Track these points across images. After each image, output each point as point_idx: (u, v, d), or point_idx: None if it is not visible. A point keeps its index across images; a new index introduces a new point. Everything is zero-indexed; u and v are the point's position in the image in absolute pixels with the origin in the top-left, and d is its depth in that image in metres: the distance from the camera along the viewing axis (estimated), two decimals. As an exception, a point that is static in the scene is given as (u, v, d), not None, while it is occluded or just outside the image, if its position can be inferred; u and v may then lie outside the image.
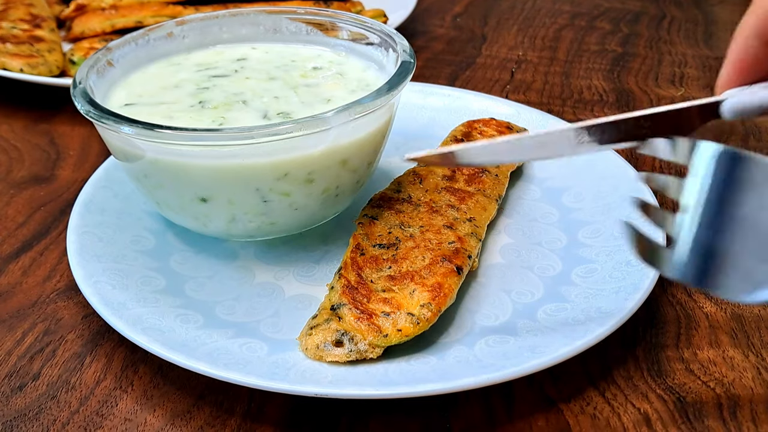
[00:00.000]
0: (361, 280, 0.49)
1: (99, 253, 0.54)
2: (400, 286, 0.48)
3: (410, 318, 0.46)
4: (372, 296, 0.48)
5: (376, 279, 0.49)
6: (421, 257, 0.50)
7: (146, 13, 0.94)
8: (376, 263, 0.50)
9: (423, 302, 0.47)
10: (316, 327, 0.46)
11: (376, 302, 0.47)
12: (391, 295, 0.48)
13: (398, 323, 0.46)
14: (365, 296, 0.48)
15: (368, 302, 0.47)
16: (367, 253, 0.51)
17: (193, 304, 0.51)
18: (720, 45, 1.05)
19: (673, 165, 0.32)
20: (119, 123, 0.49)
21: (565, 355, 0.44)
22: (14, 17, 0.93)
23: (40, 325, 0.52)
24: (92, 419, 0.45)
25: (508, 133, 0.67)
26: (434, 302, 0.47)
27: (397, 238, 0.52)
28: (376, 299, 0.47)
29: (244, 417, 0.45)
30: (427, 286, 0.48)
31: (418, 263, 0.50)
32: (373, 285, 0.49)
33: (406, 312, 0.46)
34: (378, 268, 0.50)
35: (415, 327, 0.45)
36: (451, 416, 0.45)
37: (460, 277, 0.50)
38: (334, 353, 0.45)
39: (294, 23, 0.66)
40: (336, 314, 0.47)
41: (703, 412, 0.45)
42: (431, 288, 0.47)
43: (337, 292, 0.48)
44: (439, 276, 0.48)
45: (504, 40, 1.07)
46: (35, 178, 0.71)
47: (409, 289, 0.48)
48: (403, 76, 0.54)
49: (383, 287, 0.48)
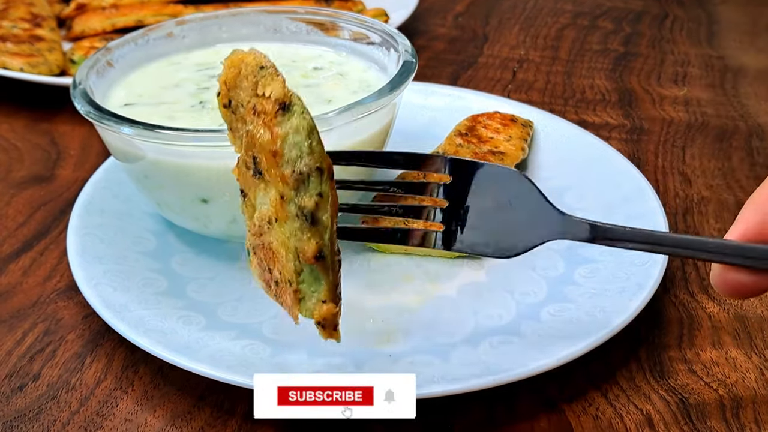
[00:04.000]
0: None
1: (100, 254, 0.54)
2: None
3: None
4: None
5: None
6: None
7: (147, 12, 0.94)
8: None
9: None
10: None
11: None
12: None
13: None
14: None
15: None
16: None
17: (195, 306, 0.51)
18: (723, 44, 1.05)
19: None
20: (119, 124, 0.49)
21: (570, 356, 0.44)
22: (14, 16, 0.93)
23: (40, 325, 0.52)
24: (92, 420, 0.45)
25: (512, 126, 0.67)
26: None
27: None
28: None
29: (245, 418, 0.45)
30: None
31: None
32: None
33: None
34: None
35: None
36: (452, 416, 0.45)
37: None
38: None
39: (294, 23, 0.66)
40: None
41: (705, 413, 0.45)
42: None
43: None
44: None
45: (506, 39, 1.06)
46: (35, 178, 0.71)
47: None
48: (405, 76, 0.53)
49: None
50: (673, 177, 0.71)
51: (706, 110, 0.85)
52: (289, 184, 0.36)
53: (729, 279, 0.35)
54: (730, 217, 0.64)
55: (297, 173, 0.36)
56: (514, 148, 0.64)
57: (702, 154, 0.75)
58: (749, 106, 0.86)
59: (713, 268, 0.36)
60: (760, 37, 1.09)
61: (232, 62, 0.39)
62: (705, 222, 0.64)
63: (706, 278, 0.57)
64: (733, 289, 0.36)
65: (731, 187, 0.69)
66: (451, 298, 0.52)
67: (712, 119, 0.83)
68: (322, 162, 0.36)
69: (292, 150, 0.36)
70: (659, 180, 0.70)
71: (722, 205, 0.66)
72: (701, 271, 0.57)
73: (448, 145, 0.64)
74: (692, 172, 0.72)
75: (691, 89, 0.90)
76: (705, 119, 0.83)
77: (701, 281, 0.56)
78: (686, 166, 0.73)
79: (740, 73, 0.95)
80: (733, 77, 0.94)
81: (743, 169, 0.72)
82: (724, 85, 0.91)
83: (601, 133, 0.77)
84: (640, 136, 0.79)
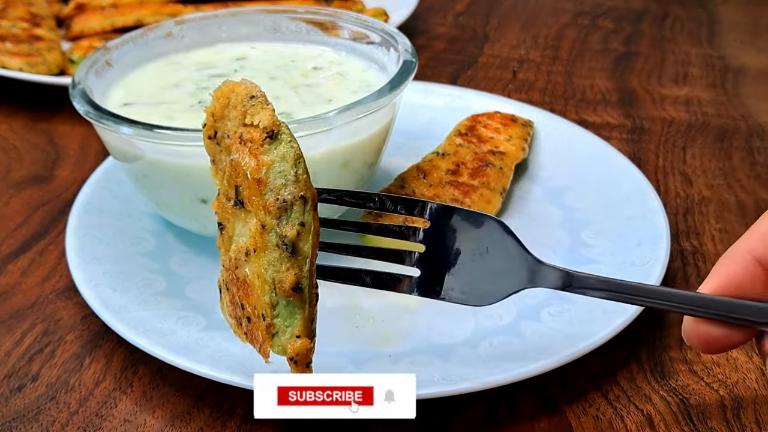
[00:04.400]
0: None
1: (99, 255, 0.53)
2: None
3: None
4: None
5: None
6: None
7: (146, 12, 0.94)
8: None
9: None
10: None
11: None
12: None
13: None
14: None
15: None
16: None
17: (194, 306, 0.51)
18: (723, 44, 1.05)
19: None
20: (118, 123, 0.49)
21: (570, 356, 0.44)
22: (13, 16, 0.93)
23: (39, 325, 0.52)
24: (91, 420, 0.45)
25: (513, 125, 0.67)
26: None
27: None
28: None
29: (245, 419, 0.45)
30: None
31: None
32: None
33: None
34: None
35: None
36: (452, 417, 0.45)
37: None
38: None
39: (294, 22, 0.65)
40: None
41: (706, 413, 0.45)
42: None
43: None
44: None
45: (506, 39, 1.06)
46: (34, 178, 0.71)
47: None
48: (404, 75, 0.53)
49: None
50: (674, 177, 0.71)
51: (707, 110, 0.85)
52: (272, 213, 0.35)
53: (701, 332, 0.35)
54: (731, 217, 0.64)
55: (280, 201, 0.35)
56: (515, 148, 0.64)
57: (703, 153, 0.75)
58: (750, 106, 0.86)
59: (685, 321, 0.36)
60: (760, 37, 1.09)
61: (222, 93, 0.39)
62: (705, 222, 0.64)
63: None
64: (704, 342, 0.35)
65: (732, 187, 0.69)
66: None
67: (712, 119, 0.83)
68: (306, 191, 0.35)
69: (277, 178, 0.35)
70: (660, 180, 0.70)
71: (723, 205, 0.66)
72: (702, 272, 0.57)
73: (448, 145, 0.64)
74: (693, 172, 0.72)
75: (692, 89, 0.90)
76: (706, 119, 0.83)
77: (702, 281, 0.56)
78: (687, 166, 0.73)
79: (741, 73, 0.95)
80: (733, 77, 0.93)
81: (744, 169, 0.72)
82: (724, 84, 0.91)
83: (602, 133, 0.77)
84: (641, 135, 0.79)
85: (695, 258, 0.59)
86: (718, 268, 0.36)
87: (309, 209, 0.36)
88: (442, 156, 0.62)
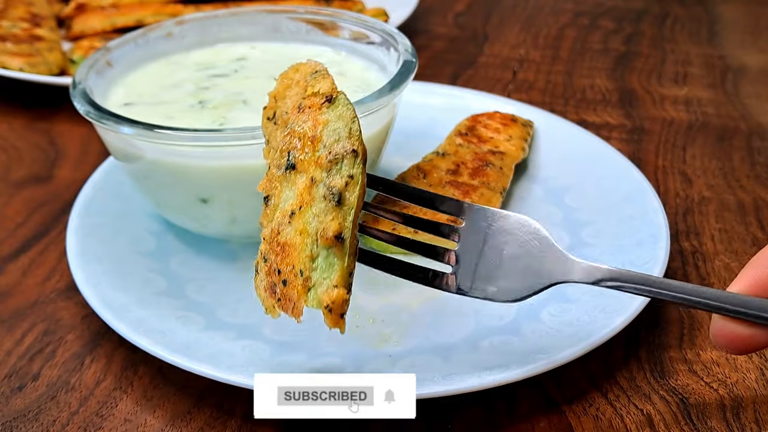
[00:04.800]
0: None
1: (99, 255, 0.54)
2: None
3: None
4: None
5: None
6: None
7: (146, 12, 0.94)
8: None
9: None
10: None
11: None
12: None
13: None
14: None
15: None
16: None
17: (194, 306, 0.51)
18: (724, 44, 1.05)
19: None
20: (119, 123, 0.49)
21: (570, 356, 0.44)
22: (14, 16, 0.93)
23: (39, 325, 0.52)
24: (92, 420, 0.45)
25: (513, 125, 0.67)
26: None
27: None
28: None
29: (245, 418, 0.45)
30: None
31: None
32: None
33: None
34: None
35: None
36: (452, 417, 0.45)
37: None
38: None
39: (294, 22, 0.65)
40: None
41: (706, 413, 0.45)
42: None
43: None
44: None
45: (506, 38, 1.06)
46: (35, 178, 0.71)
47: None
48: (404, 75, 0.53)
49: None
50: (674, 177, 0.71)
51: (707, 110, 0.85)
52: (323, 166, 0.36)
53: (726, 331, 0.36)
54: (731, 217, 0.64)
55: (332, 155, 0.36)
56: (515, 148, 0.64)
57: (703, 153, 0.75)
58: (750, 106, 0.86)
59: (713, 320, 0.37)
60: (761, 37, 1.09)
61: (285, 75, 0.41)
62: (705, 222, 0.64)
63: (706, 278, 0.56)
64: (730, 342, 0.36)
65: (732, 187, 0.69)
66: (452, 298, 0.52)
67: (712, 119, 0.83)
68: (358, 146, 0.37)
69: (331, 135, 0.37)
70: (660, 180, 0.70)
71: (723, 205, 0.66)
72: (701, 271, 0.57)
73: (448, 145, 0.64)
74: (693, 171, 0.72)
75: (692, 89, 0.90)
76: (706, 119, 0.83)
77: (702, 281, 0.56)
78: (687, 165, 0.73)
79: (741, 73, 0.95)
80: (734, 77, 0.93)
81: (744, 169, 0.72)
82: (725, 84, 0.91)
83: (602, 133, 0.77)
84: (641, 135, 0.79)
85: (695, 258, 0.59)
86: (746, 271, 0.36)
87: (358, 163, 0.36)
88: (442, 156, 0.62)
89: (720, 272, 0.57)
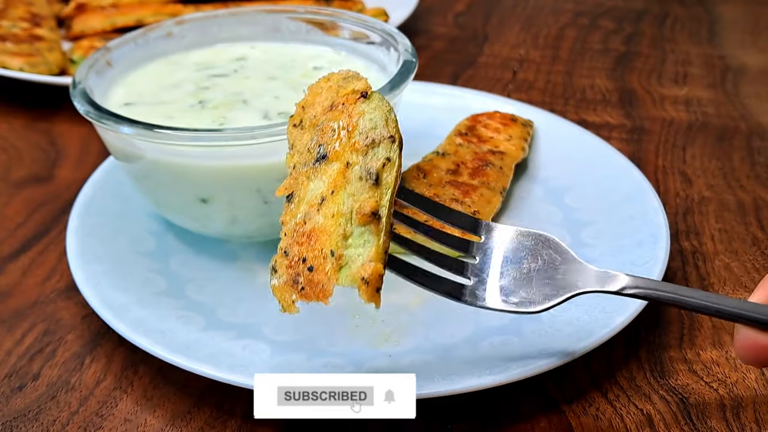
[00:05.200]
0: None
1: (99, 255, 0.54)
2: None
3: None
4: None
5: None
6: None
7: (146, 12, 0.94)
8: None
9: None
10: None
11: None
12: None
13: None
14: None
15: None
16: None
17: (194, 306, 0.51)
18: (724, 44, 1.05)
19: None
20: (119, 123, 0.49)
21: (570, 356, 0.44)
22: (14, 16, 0.93)
23: (39, 325, 0.52)
24: (92, 420, 0.45)
25: (513, 125, 0.67)
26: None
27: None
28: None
29: (245, 418, 0.45)
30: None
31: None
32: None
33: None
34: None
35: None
36: (452, 417, 0.45)
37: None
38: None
39: (294, 22, 0.65)
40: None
41: (706, 413, 0.45)
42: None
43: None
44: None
45: (506, 38, 1.06)
46: (35, 178, 0.71)
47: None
48: (404, 75, 0.53)
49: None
50: (674, 177, 0.71)
51: (707, 110, 0.85)
52: (359, 150, 0.37)
53: (749, 341, 0.35)
54: (731, 217, 0.64)
55: (369, 139, 0.37)
56: (515, 148, 0.64)
57: (703, 153, 0.75)
58: (750, 106, 0.86)
59: (737, 331, 0.36)
60: (761, 37, 1.09)
61: (316, 85, 0.41)
62: (705, 222, 0.64)
63: (706, 278, 0.56)
64: (755, 353, 0.35)
65: (732, 187, 0.69)
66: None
67: (712, 119, 0.83)
68: (395, 133, 0.37)
69: (367, 123, 0.37)
70: (660, 180, 0.70)
71: (723, 205, 0.66)
72: (701, 271, 0.57)
73: (448, 144, 0.64)
74: (693, 171, 0.72)
75: (692, 89, 0.90)
76: (706, 119, 0.83)
77: (702, 281, 0.56)
78: (687, 165, 0.73)
79: (741, 73, 0.95)
80: (733, 77, 0.93)
81: (744, 169, 0.72)
82: (724, 84, 0.91)
83: (602, 133, 0.77)
84: (641, 135, 0.79)
85: (695, 258, 0.59)
86: (765, 282, 0.36)
87: (395, 148, 0.37)
88: (442, 156, 0.62)
89: (720, 272, 0.57)
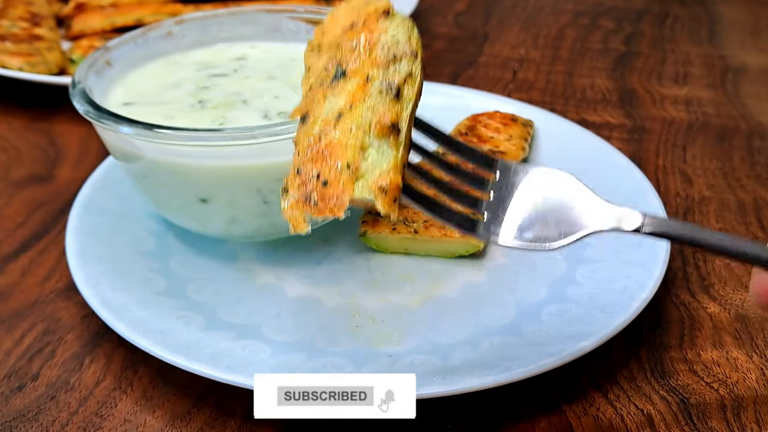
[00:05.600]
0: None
1: (99, 255, 0.53)
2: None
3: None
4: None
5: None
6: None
7: (146, 12, 0.94)
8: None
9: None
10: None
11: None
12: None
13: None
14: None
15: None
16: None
17: (194, 306, 0.51)
18: (724, 44, 1.05)
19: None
20: (118, 123, 0.49)
21: (570, 356, 0.44)
22: (13, 16, 0.93)
23: (39, 325, 0.52)
24: (91, 420, 0.45)
25: (513, 125, 0.67)
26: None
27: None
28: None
29: (244, 419, 0.45)
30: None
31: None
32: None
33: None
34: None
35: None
36: (452, 417, 0.45)
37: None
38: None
39: (294, 22, 0.65)
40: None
41: (706, 413, 0.45)
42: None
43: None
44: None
45: (506, 38, 1.06)
46: (34, 178, 0.71)
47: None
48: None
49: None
50: (674, 177, 0.71)
51: (707, 110, 0.85)
52: (380, 65, 0.36)
53: (766, 285, 0.34)
54: (731, 217, 0.64)
55: (390, 54, 0.36)
56: (515, 148, 0.64)
57: (703, 153, 0.75)
58: (750, 106, 0.86)
59: (753, 275, 0.35)
60: (761, 37, 1.09)
61: (337, 9, 0.40)
62: (706, 221, 0.64)
63: (707, 278, 0.56)
64: None
65: (732, 187, 0.69)
66: (452, 298, 0.52)
67: (713, 119, 0.83)
68: (418, 49, 0.36)
69: (389, 39, 0.37)
70: (660, 179, 0.70)
71: (723, 204, 0.66)
72: (702, 271, 0.57)
73: (448, 144, 0.64)
74: (693, 171, 0.72)
75: (692, 89, 0.90)
76: (706, 119, 0.83)
77: (702, 281, 0.56)
78: (687, 165, 0.73)
79: (741, 73, 0.95)
80: (734, 77, 0.93)
81: (744, 169, 0.72)
82: (725, 84, 0.91)
83: (602, 133, 0.76)
84: (641, 135, 0.79)
85: (695, 258, 0.59)
86: None
87: (418, 63, 0.36)
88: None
89: (720, 272, 0.57)
